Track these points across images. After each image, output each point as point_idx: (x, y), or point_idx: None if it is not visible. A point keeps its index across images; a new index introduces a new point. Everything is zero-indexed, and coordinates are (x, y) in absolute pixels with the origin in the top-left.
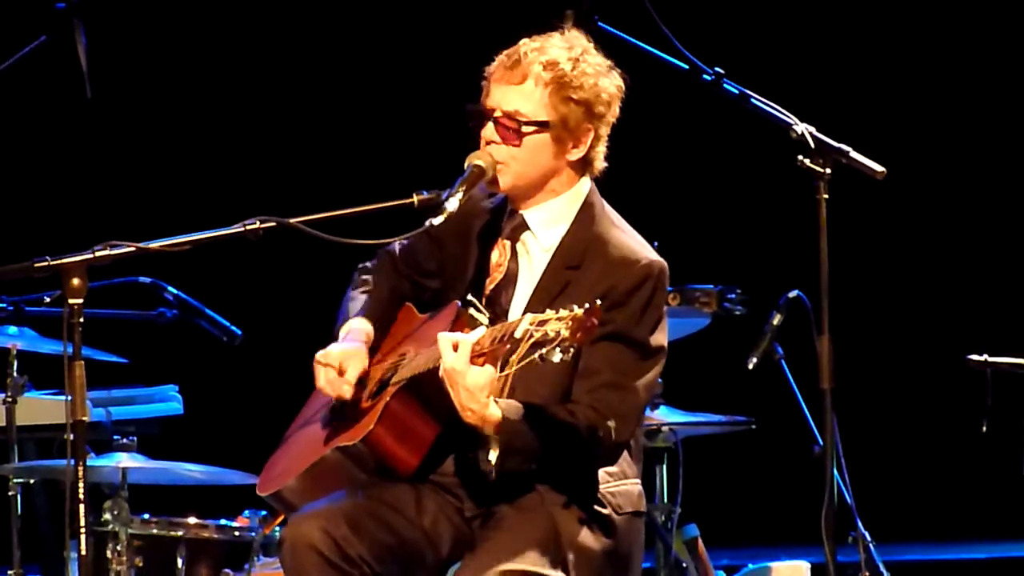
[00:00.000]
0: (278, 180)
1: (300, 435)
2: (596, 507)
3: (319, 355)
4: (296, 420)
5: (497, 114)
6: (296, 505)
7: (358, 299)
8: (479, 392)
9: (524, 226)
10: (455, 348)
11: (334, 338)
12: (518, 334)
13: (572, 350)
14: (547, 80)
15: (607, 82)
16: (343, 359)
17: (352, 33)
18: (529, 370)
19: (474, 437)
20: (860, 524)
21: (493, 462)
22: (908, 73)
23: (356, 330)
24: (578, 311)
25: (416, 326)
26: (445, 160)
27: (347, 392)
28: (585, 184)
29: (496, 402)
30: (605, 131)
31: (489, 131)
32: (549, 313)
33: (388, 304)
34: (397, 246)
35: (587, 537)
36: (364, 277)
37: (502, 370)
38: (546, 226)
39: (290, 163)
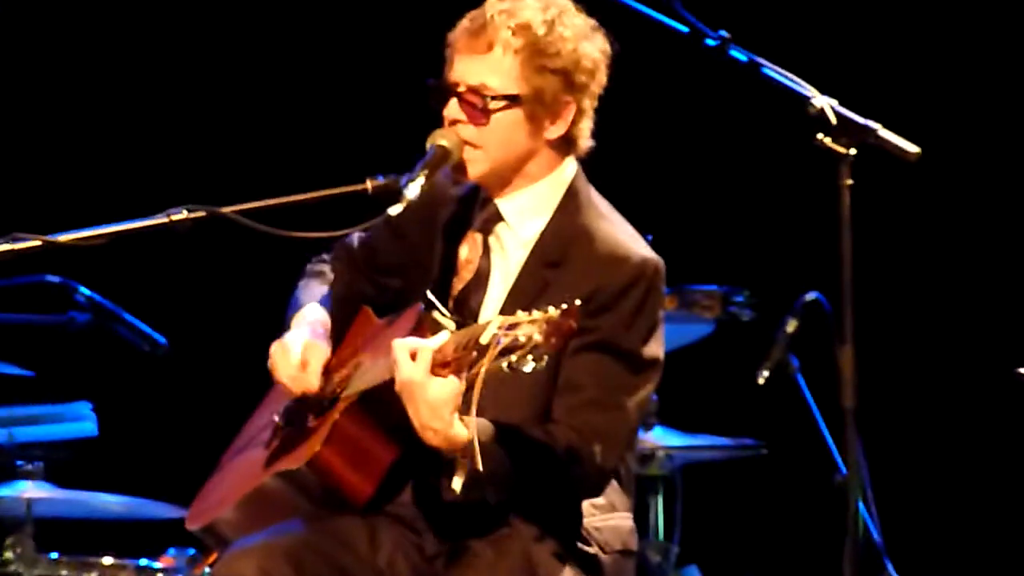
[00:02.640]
0: (208, 163)
1: (237, 460)
2: (579, 544)
3: (275, 346)
4: (233, 443)
5: (461, 89)
6: (231, 540)
7: (312, 288)
8: (442, 408)
9: (498, 217)
10: (413, 356)
11: (285, 329)
12: (484, 339)
13: (546, 358)
14: (517, 47)
15: (589, 47)
16: (305, 349)
17: None
18: (501, 384)
19: (437, 461)
20: (889, 565)
21: (458, 490)
22: (945, 36)
23: (313, 320)
24: (553, 312)
25: (373, 332)
26: (404, 140)
27: (315, 384)
28: (569, 167)
29: (462, 420)
30: (589, 104)
31: (452, 109)
32: (520, 315)
33: (343, 304)
34: (355, 239)
35: None
36: (319, 267)
37: (469, 383)
38: (523, 217)
39: (222, 143)
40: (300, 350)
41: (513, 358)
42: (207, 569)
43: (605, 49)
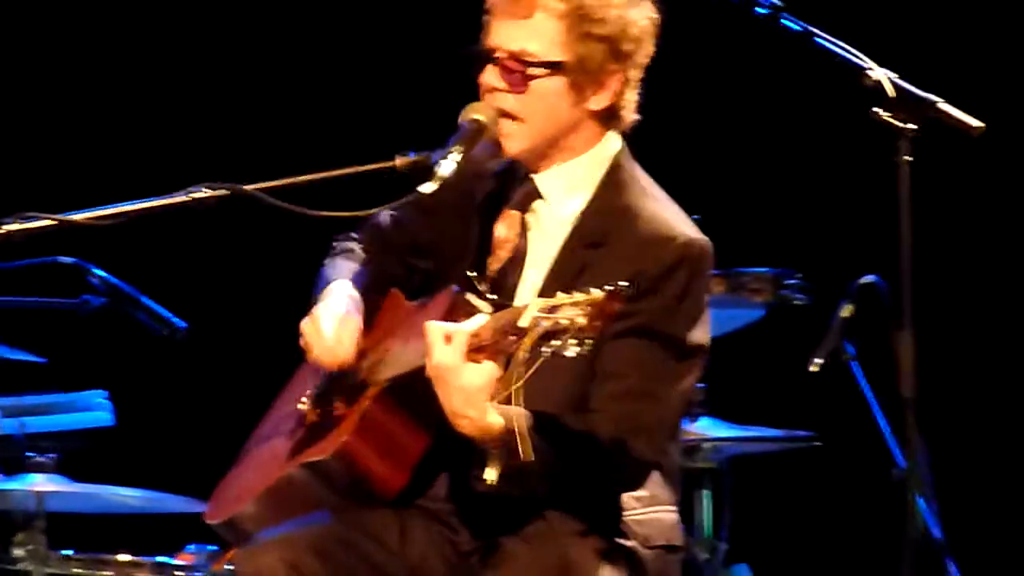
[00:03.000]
0: (231, 138)
1: (259, 451)
2: (618, 539)
3: (305, 322)
4: (254, 433)
5: (499, 55)
6: (253, 535)
7: (341, 265)
8: (477, 395)
9: (536, 193)
10: (448, 340)
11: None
12: (524, 323)
13: (589, 342)
14: (561, 12)
15: (637, 14)
16: (338, 322)
17: None
18: (539, 369)
19: (471, 452)
20: (951, 565)
21: (492, 481)
22: (1012, 6)
23: (343, 294)
24: (597, 293)
25: (404, 316)
26: (438, 115)
27: (351, 356)
28: (613, 142)
29: (497, 408)
30: (635, 75)
31: (490, 76)
32: (562, 297)
33: (373, 284)
34: (385, 217)
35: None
36: (347, 244)
37: (506, 367)
38: (564, 194)
39: (246, 118)
40: (333, 323)
41: (555, 342)
42: (228, 565)
43: (653, 16)
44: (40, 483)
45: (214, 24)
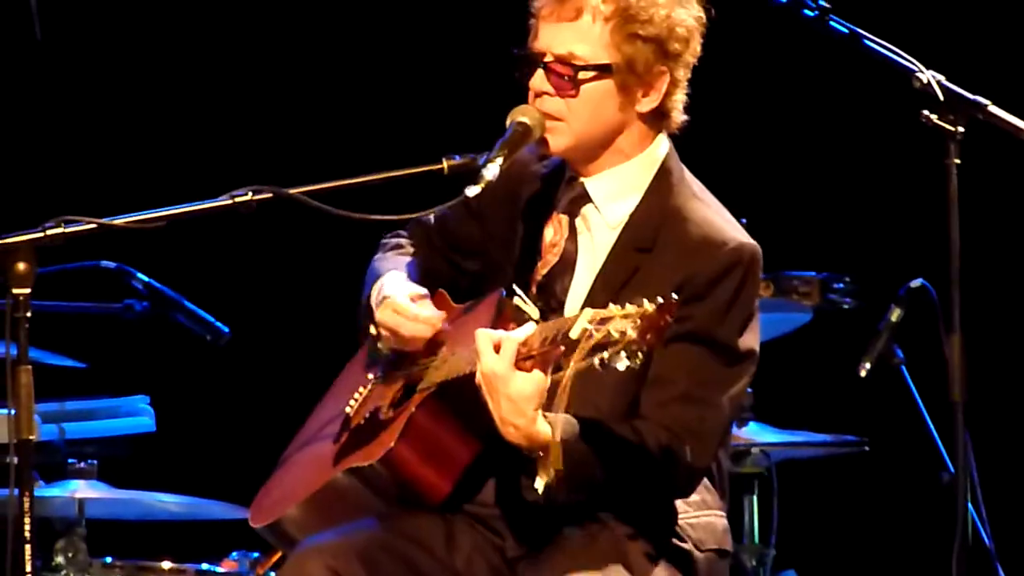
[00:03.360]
0: (275, 141)
1: (303, 455)
2: (674, 540)
3: (382, 312)
4: (297, 437)
5: (548, 59)
6: (298, 539)
7: (390, 259)
8: (525, 404)
9: (585, 197)
10: (497, 348)
11: (362, 310)
12: (574, 334)
13: (640, 355)
14: (608, 13)
15: (683, 13)
16: (413, 297)
17: None
18: (587, 378)
19: (519, 459)
20: (1001, 571)
21: (541, 491)
22: None
23: (399, 279)
24: (648, 307)
25: (451, 319)
26: (485, 118)
27: (438, 324)
28: (662, 144)
29: (546, 417)
30: (683, 75)
31: (539, 80)
32: (613, 309)
33: (422, 281)
34: (432, 218)
35: None
36: (396, 240)
37: (555, 377)
38: (613, 198)
39: (290, 121)
40: (407, 301)
41: (605, 355)
42: (271, 570)
43: (699, 16)
44: (81, 489)
45: (261, 27)
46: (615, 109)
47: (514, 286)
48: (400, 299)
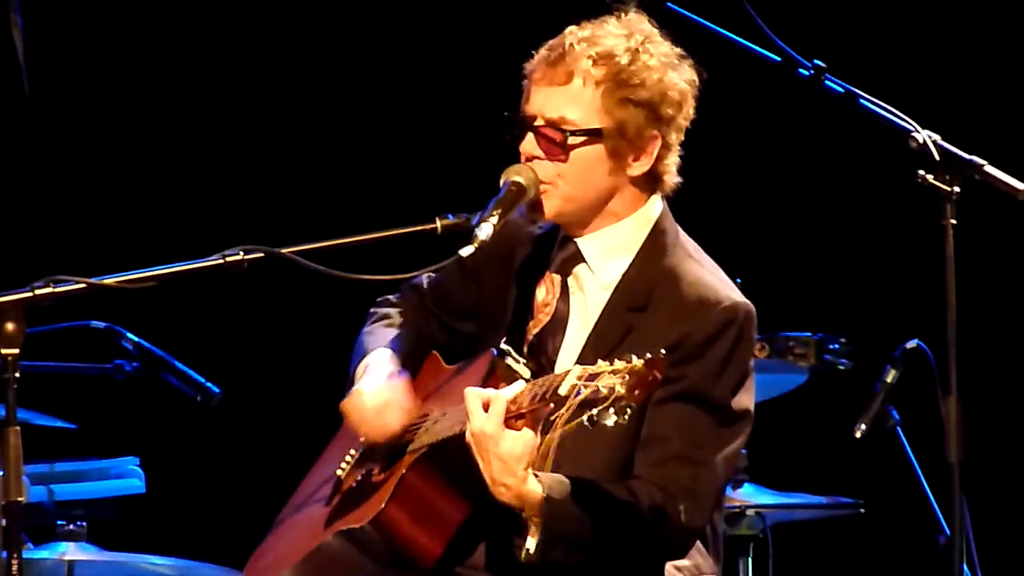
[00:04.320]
0: (267, 201)
1: (295, 518)
2: None
3: (346, 402)
4: (291, 499)
5: (538, 122)
6: None
7: (378, 333)
8: (515, 463)
9: (578, 257)
10: (486, 407)
11: (349, 386)
12: (563, 390)
13: (629, 411)
14: (599, 78)
15: (676, 77)
16: (380, 400)
17: (357, 18)
18: (579, 436)
19: (510, 520)
20: None
21: (532, 551)
22: None
23: (381, 365)
24: (637, 362)
25: (442, 380)
26: (478, 178)
27: (397, 430)
28: (655, 205)
29: (537, 476)
30: (676, 138)
31: (529, 144)
32: (602, 365)
33: (412, 348)
34: (424, 280)
35: None
36: (385, 309)
37: (544, 435)
38: (605, 257)
39: (281, 180)
40: (376, 400)
41: (594, 411)
42: None
43: (692, 79)
44: (70, 552)
45: (253, 87)
46: (605, 173)
47: (504, 345)
48: (368, 396)
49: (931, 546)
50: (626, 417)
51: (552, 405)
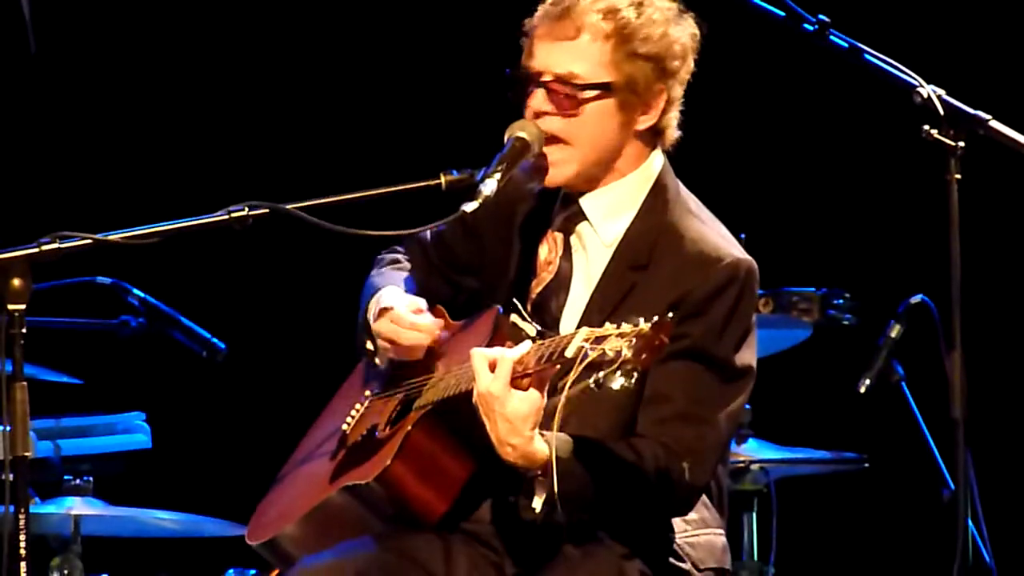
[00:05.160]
0: (270, 157)
1: (300, 472)
2: (672, 559)
3: (381, 323)
4: (294, 454)
5: (547, 78)
6: (295, 557)
7: (388, 274)
8: (521, 423)
9: (580, 215)
10: (492, 367)
11: (360, 327)
12: (570, 352)
13: (636, 374)
14: (607, 32)
15: (679, 30)
16: (411, 308)
17: None
18: (584, 398)
19: (515, 478)
20: None
21: (538, 510)
22: None
23: (397, 290)
24: (644, 326)
25: (448, 336)
26: (480, 134)
27: (435, 335)
28: (656, 160)
29: (542, 436)
30: (679, 92)
31: (539, 100)
32: (608, 328)
33: (421, 294)
34: (428, 235)
35: None
36: (391, 256)
37: (551, 396)
38: (608, 215)
39: (285, 136)
40: (407, 311)
41: (600, 374)
42: None
43: (694, 32)
44: (76, 506)
45: (258, 40)
46: (615, 128)
47: (511, 302)
48: (399, 309)
49: (935, 501)
50: (632, 380)
51: (558, 367)
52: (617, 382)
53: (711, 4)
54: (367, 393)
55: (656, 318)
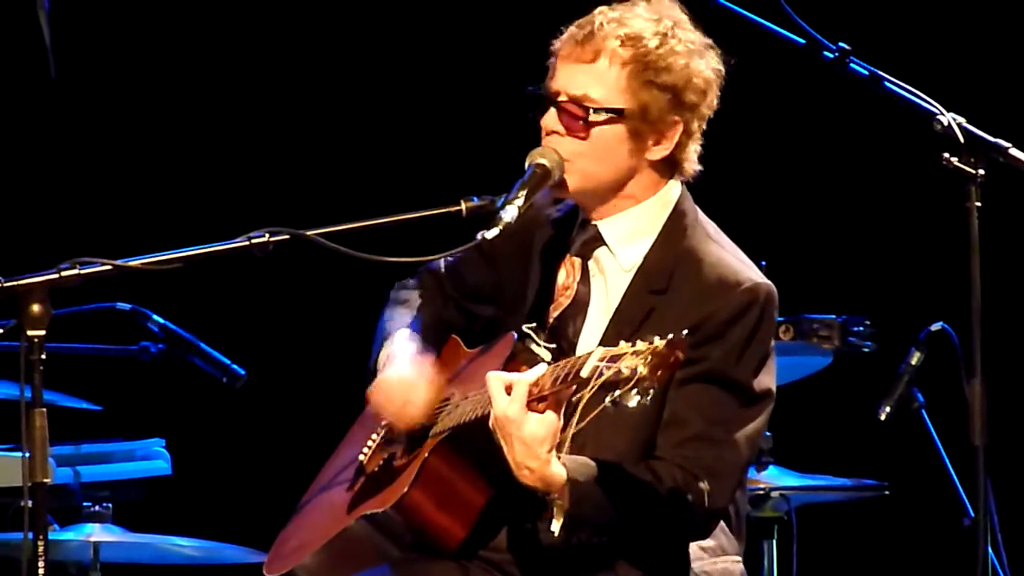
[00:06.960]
0: (292, 183)
1: (318, 502)
2: None
3: (372, 390)
4: (314, 483)
5: (561, 98)
6: None
7: (399, 318)
8: (538, 446)
9: (598, 240)
10: (508, 391)
11: (370, 373)
12: (585, 372)
13: (651, 392)
14: (626, 58)
15: (702, 64)
16: (405, 384)
17: None
18: (601, 419)
19: (534, 503)
20: None
21: (557, 534)
22: None
23: (404, 349)
24: (659, 343)
25: (463, 363)
26: (502, 160)
27: (421, 417)
28: (673, 189)
29: (560, 459)
30: (698, 126)
31: (550, 119)
32: (623, 346)
33: (431, 333)
34: (442, 263)
35: None
36: (404, 294)
37: (567, 418)
38: (626, 240)
39: (307, 162)
40: (401, 386)
41: (616, 393)
42: None
43: (719, 68)
44: (96, 533)
45: (281, 69)
46: (625, 154)
47: (525, 328)
48: (392, 382)
49: (956, 528)
50: (649, 398)
51: (574, 387)
52: (633, 400)
53: (733, 32)
54: (384, 422)
55: (671, 336)
